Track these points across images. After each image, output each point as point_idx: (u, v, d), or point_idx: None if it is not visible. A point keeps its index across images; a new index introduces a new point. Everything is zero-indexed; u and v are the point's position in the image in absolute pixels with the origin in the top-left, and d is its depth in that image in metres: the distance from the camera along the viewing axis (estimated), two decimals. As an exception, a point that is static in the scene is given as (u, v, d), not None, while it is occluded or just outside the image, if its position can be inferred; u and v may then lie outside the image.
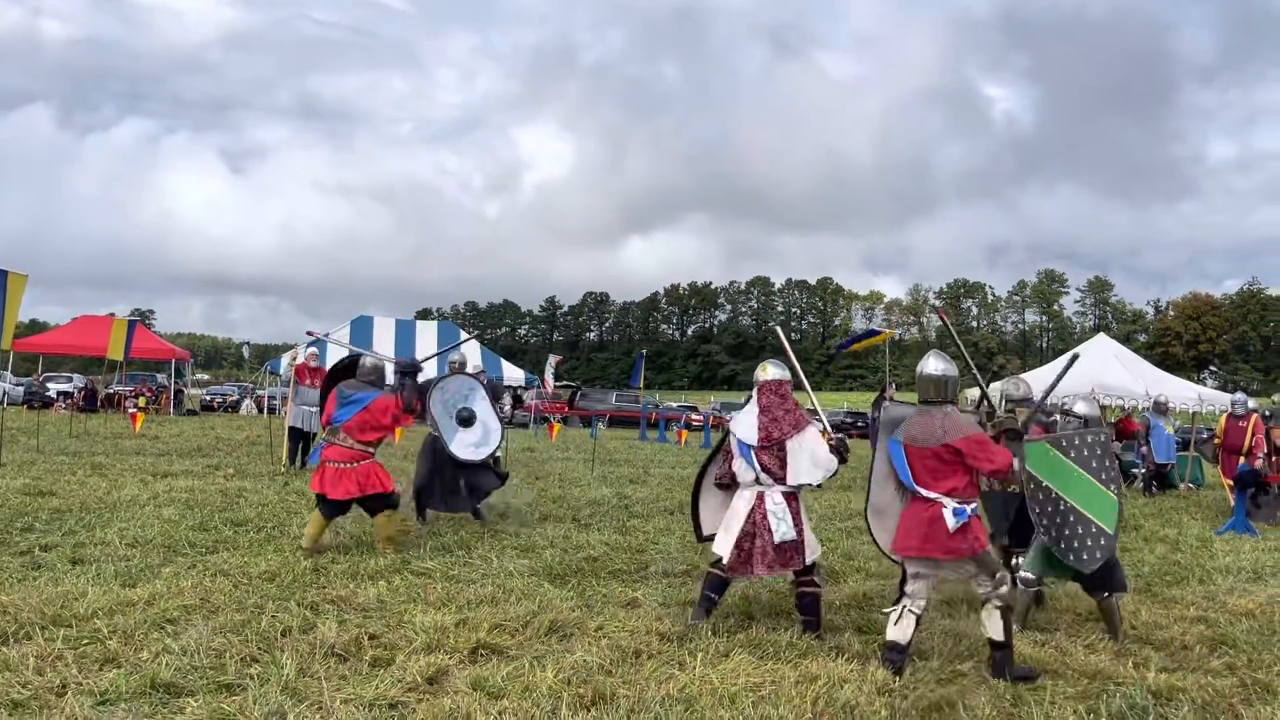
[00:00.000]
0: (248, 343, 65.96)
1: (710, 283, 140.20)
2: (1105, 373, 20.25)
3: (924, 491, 5.27)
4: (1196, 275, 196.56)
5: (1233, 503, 12.47)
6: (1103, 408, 17.18)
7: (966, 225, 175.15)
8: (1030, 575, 6.40)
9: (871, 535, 5.83)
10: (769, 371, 6.26)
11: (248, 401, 36.84)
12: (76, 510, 9.29)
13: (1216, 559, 9.28)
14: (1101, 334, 28.96)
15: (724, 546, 6.08)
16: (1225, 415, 14.68)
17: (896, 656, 5.28)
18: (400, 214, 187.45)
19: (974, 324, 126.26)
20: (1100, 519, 6.04)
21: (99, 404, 30.72)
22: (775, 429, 6.03)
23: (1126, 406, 20.64)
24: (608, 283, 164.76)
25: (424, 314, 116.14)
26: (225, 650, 5.00)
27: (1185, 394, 21.38)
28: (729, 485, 6.25)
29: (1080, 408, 6.83)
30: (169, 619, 5.55)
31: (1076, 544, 6.05)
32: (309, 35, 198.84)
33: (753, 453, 6.03)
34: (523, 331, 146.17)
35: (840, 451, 6.10)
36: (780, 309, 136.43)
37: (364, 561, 7.43)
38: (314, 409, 14.26)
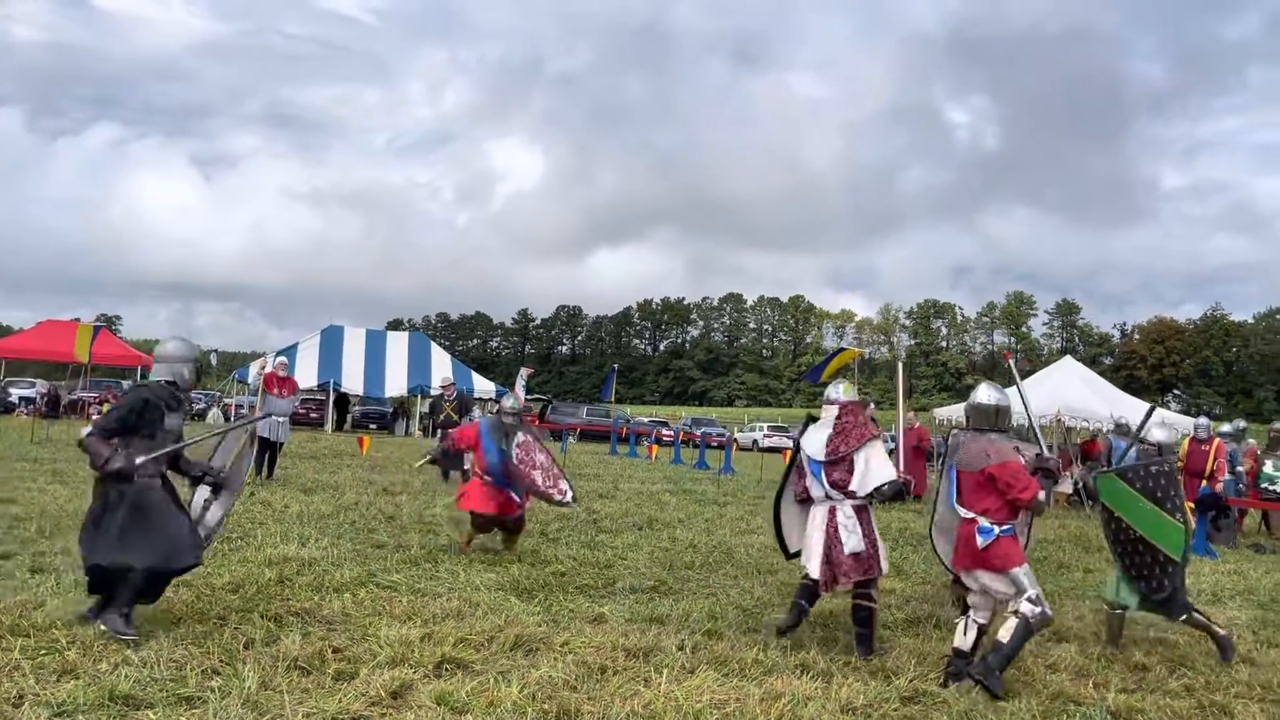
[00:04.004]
0: (216, 350, 65.21)
1: (683, 298, 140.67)
2: (1070, 394, 20.51)
3: (962, 511, 5.60)
4: (1153, 299, 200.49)
5: (1193, 525, 12.63)
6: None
7: (929, 245, 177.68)
8: (1111, 598, 6.66)
9: (935, 550, 6.31)
10: (852, 392, 6.48)
11: (215, 410, 36.46)
12: (37, 518, 9.15)
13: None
14: (1068, 356, 29.30)
15: (814, 566, 6.17)
16: (1188, 439, 14.88)
17: (960, 663, 5.55)
18: (371, 224, 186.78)
19: (943, 344, 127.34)
20: (1167, 547, 6.30)
21: (62, 410, 30.29)
22: (843, 444, 6.20)
23: (1092, 428, 20.89)
24: (580, 296, 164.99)
25: (395, 324, 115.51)
26: (186, 662, 4.95)
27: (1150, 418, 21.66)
28: (806, 500, 6.38)
29: (1156, 434, 7.02)
30: (129, 630, 5.48)
31: (1146, 571, 6.37)
32: (279, 47, 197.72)
33: (822, 469, 6.19)
34: (494, 344, 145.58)
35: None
36: (752, 326, 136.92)
37: (329, 574, 7.37)
38: (282, 419, 14.16)
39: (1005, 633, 5.38)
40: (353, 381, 33.99)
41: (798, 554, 6.60)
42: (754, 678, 5.37)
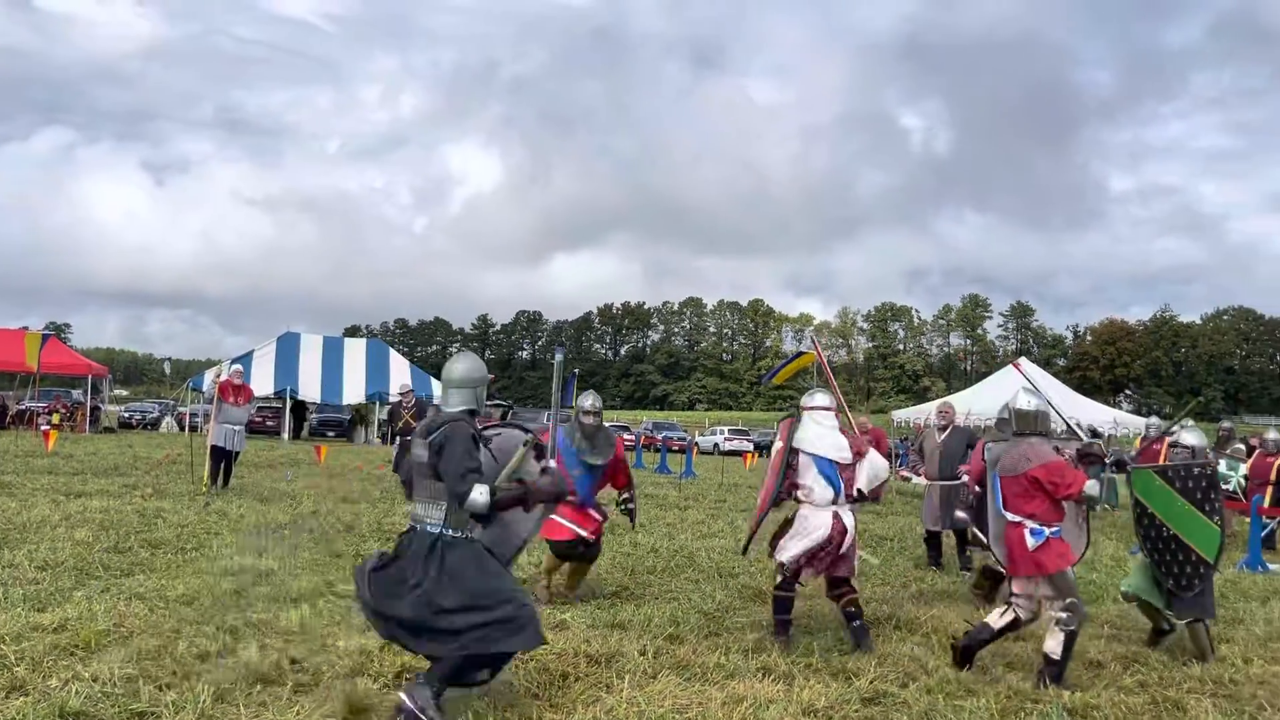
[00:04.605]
0: (169, 358, 64.17)
1: (643, 303, 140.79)
2: (1026, 396, 20.85)
3: (1010, 515, 5.76)
4: (1104, 302, 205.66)
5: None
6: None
7: (886, 249, 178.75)
8: (1128, 591, 6.86)
9: (998, 560, 6.33)
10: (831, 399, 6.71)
11: (168, 419, 35.88)
12: (-17, 531, 8.94)
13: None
14: (1023, 358, 29.75)
15: (789, 553, 6.35)
16: (1139, 439, 15.16)
17: (980, 634, 5.88)
18: (327, 229, 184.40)
19: (900, 347, 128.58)
20: (1202, 549, 6.43)
21: (9, 421, 29.64)
22: (861, 446, 6.47)
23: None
24: (540, 301, 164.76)
25: (352, 331, 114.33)
26: (139, 677, 4.85)
27: (1102, 417, 22.11)
28: (788, 499, 6.56)
29: (1188, 438, 7.21)
30: (80, 645, 5.37)
31: (1176, 569, 6.46)
32: (230, 51, 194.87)
33: (838, 472, 6.34)
34: (454, 349, 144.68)
35: None
36: (712, 330, 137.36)
37: (287, 585, 7.27)
38: (237, 427, 13.96)
39: (1055, 647, 5.61)
40: (310, 389, 33.62)
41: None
42: (716, 681, 5.37)
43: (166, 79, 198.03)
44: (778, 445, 6.59)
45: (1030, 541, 5.64)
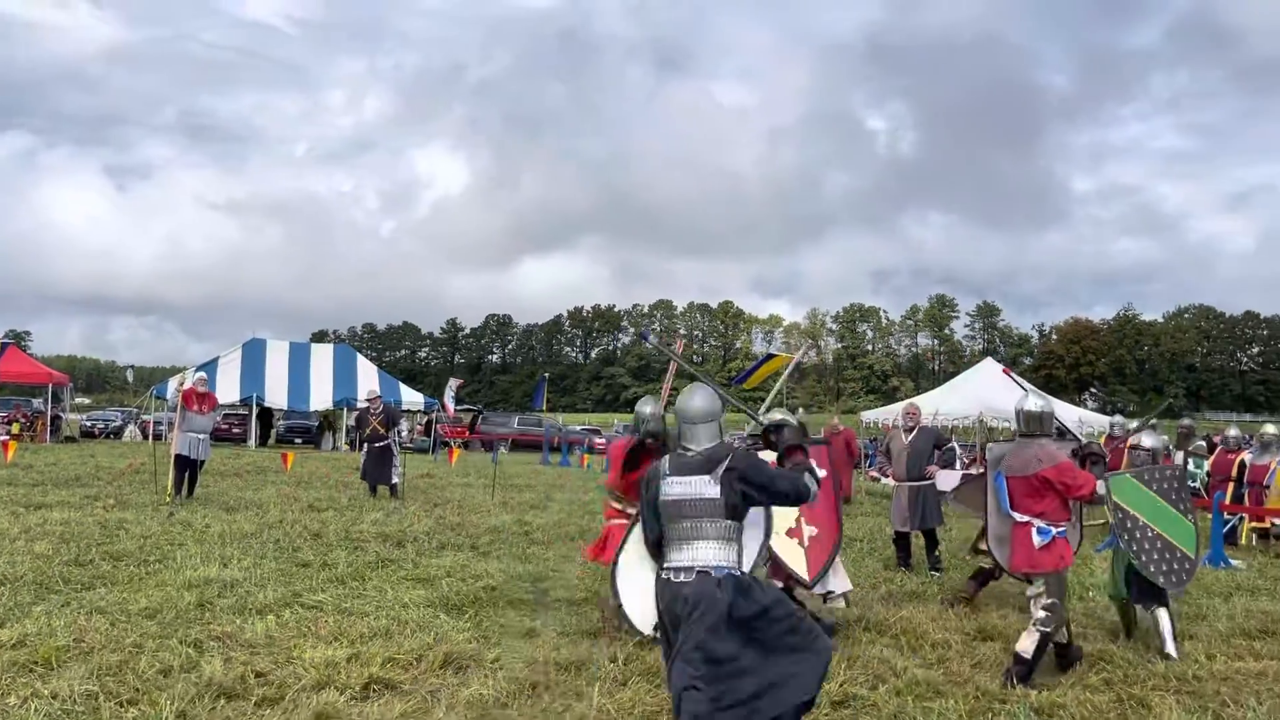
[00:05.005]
0: (132, 366, 63.35)
1: (614, 305, 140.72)
2: (992, 395, 21.02)
3: (1018, 515, 5.89)
4: (1067, 301, 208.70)
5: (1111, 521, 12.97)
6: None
7: (853, 250, 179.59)
8: (1113, 595, 7.06)
9: (995, 559, 6.59)
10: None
11: (132, 427, 35.41)
12: (-60, 546, 8.76)
13: (1095, 576, 9.64)
14: (989, 358, 30.01)
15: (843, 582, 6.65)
16: (1104, 437, 15.34)
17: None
18: (293, 234, 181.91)
19: (869, 347, 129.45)
20: (1184, 545, 6.66)
21: (-32, 431, 29.10)
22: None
23: (1013, 428, 21.42)
24: (510, 305, 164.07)
25: (320, 336, 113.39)
26: (100, 694, 4.77)
27: (1067, 416, 22.27)
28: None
29: (1147, 440, 7.38)
30: (40, 661, 5.28)
31: (1165, 568, 6.61)
32: (194, 55, 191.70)
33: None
34: (423, 354, 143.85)
35: None
36: (683, 332, 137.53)
37: (252, 595, 7.19)
38: (202, 436, 13.78)
39: (1029, 646, 5.67)
40: (276, 395, 33.28)
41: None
42: (686, 687, 5.36)
43: (129, 83, 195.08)
44: (821, 472, 6.29)
45: (1037, 540, 5.78)
